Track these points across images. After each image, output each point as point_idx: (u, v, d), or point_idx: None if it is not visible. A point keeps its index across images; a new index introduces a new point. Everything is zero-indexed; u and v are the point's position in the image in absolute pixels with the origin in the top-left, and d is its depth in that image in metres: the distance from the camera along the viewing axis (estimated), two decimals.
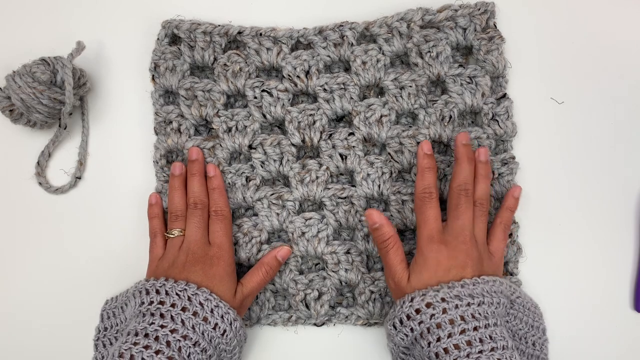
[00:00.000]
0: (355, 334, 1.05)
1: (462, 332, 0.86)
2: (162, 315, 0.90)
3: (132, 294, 0.95)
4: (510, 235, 1.03)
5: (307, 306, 1.03)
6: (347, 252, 1.03)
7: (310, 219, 1.04)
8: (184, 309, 0.90)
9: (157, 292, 0.92)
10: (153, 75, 1.07)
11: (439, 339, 0.86)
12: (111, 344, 1.00)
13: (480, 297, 0.89)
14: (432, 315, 0.87)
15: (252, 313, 1.04)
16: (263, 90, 1.05)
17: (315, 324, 1.05)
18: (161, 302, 0.91)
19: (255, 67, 1.05)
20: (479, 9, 1.04)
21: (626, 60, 1.07)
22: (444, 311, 0.87)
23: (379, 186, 1.03)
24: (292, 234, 1.04)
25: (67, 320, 1.07)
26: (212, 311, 0.91)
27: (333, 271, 1.03)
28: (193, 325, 0.90)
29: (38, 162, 1.07)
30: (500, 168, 1.03)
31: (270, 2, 1.10)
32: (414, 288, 0.92)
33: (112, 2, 1.11)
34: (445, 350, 0.86)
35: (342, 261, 1.03)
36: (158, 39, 1.07)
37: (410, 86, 1.03)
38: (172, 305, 0.91)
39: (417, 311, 0.89)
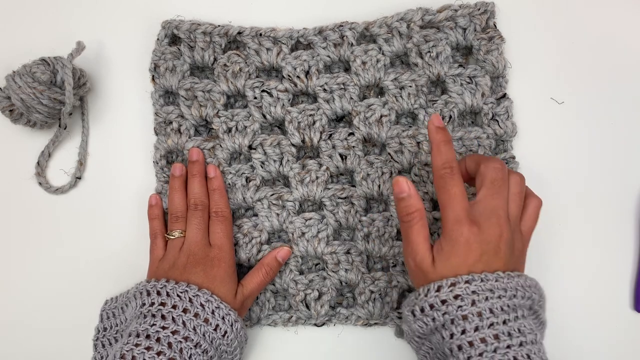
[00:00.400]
0: (356, 334, 1.05)
1: (491, 325, 0.79)
2: (163, 317, 0.90)
3: (133, 295, 0.95)
4: None
5: (307, 306, 1.03)
6: (347, 252, 1.03)
7: (310, 219, 1.04)
8: (185, 311, 0.90)
9: (158, 293, 0.92)
10: (153, 76, 1.07)
11: (464, 332, 0.79)
12: (110, 344, 1.00)
13: (513, 291, 0.82)
14: (460, 306, 0.80)
15: (253, 313, 1.04)
16: (263, 91, 1.05)
17: (315, 324, 1.04)
18: (162, 304, 0.91)
19: (255, 67, 1.05)
20: (479, 9, 1.04)
21: (626, 60, 1.07)
22: (473, 303, 0.80)
23: (379, 186, 1.03)
24: (292, 235, 1.04)
25: (67, 320, 1.07)
26: (213, 312, 0.91)
27: (333, 271, 1.03)
28: (194, 327, 0.90)
29: (38, 162, 1.07)
30: None
31: (270, 3, 1.10)
32: (440, 274, 0.83)
33: (112, 2, 1.11)
34: (470, 343, 0.79)
35: (342, 261, 1.03)
36: (158, 39, 1.07)
37: (410, 86, 1.03)
38: (174, 307, 0.91)
39: (443, 302, 0.81)
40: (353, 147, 1.04)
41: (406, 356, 1.03)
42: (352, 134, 1.04)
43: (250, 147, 1.05)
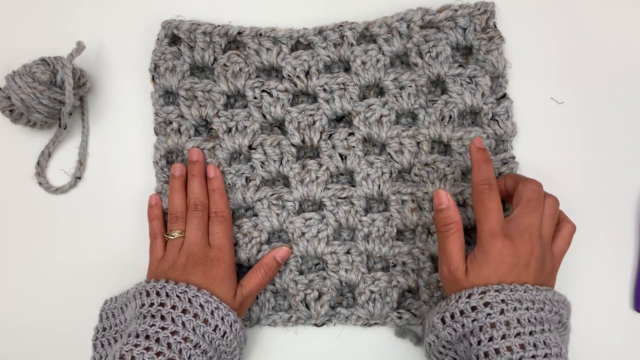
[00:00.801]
0: (356, 334, 1.05)
1: (517, 335, 0.83)
2: (162, 317, 0.90)
3: (133, 296, 0.95)
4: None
5: (307, 306, 1.03)
6: (347, 252, 1.03)
7: (310, 219, 1.04)
8: (184, 311, 0.91)
9: (158, 294, 0.92)
10: (153, 76, 1.07)
11: (491, 339, 0.84)
12: (110, 344, 1.00)
13: (541, 304, 0.86)
14: (489, 314, 0.85)
15: (252, 313, 1.04)
16: (263, 91, 1.05)
17: (315, 324, 1.04)
18: (162, 304, 0.91)
19: (255, 67, 1.05)
20: (479, 9, 1.04)
21: (626, 60, 1.07)
22: (502, 312, 0.84)
23: (379, 186, 1.03)
24: (292, 235, 1.04)
25: (66, 320, 1.07)
26: (212, 313, 0.92)
27: (333, 271, 1.03)
28: (194, 327, 0.90)
29: (38, 162, 1.07)
30: (500, 168, 1.03)
31: (270, 2, 1.10)
32: (472, 283, 0.88)
33: (112, 2, 1.11)
34: (497, 351, 0.83)
35: (342, 261, 1.03)
36: (158, 39, 1.07)
37: (410, 86, 1.03)
38: (173, 307, 0.91)
39: (473, 308, 0.86)
40: (353, 147, 1.04)
41: (406, 356, 1.03)
42: (352, 134, 1.04)
43: (250, 147, 1.05)
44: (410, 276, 1.03)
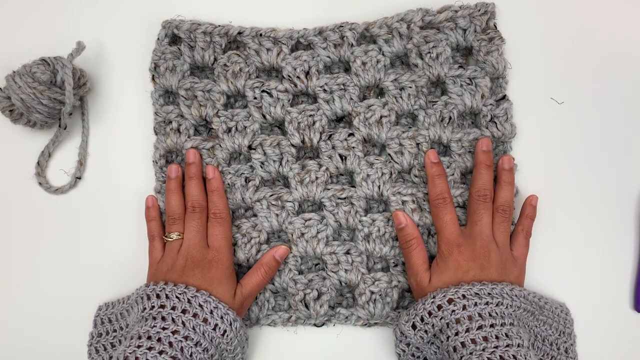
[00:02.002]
0: (355, 335, 1.05)
1: (479, 327, 0.89)
2: (163, 318, 0.91)
3: (135, 301, 0.96)
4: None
5: (306, 306, 1.03)
6: (347, 253, 1.03)
7: (310, 219, 1.04)
8: (184, 311, 0.92)
9: (158, 296, 0.93)
10: (153, 75, 1.07)
11: (457, 333, 0.90)
12: (105, 349, 1.02)
13: (499, 298, 0.92)
14: (453, 311, 0.91)
15: (252, 313, 1.04)
16: (263, 91, 1.05)
17: (315, 324, 1.05)
18: (162, 306, 0.92)
19: (255, 67, 1.05)
20: (479, 10, 1.03)
21: (626, 60, 1.07)
22: (464, 307, 0.91)
23: (379, 187, 1.03)
24: (292, 235, 1.04)
25: (66, 320, 1.07)
26: (211, 312, 0.92)
27: (333, 271, 1.03)
28: (194, 327, 0.91)
29: (38, 162, 1.08)
30: None
31: (270, 3, 1.10)
32: (434, 288, 0.96)
33: (112, 2, 1.11)
34: (463, 344, 0.89)
35: (342, 261, 1.03)
36: (158, 39, 1.07)
37: (410, 87, 1.03)
38: (173, 308, 0.92)
39: (439, 307, 0.92)
40: (353, 147, 1.04)
41: None
42: (352, 134, 1.04)
43: (249, 147, 1.05)
44: None
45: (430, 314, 0.92)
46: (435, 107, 1.03)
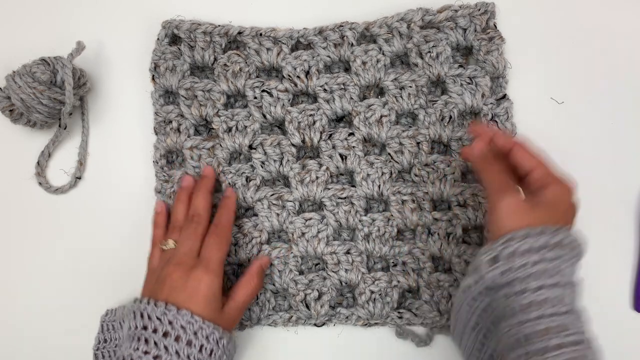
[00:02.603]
0: (356, 334, 1.05)
1: (554, 285, 0.81)
2: (146, 341, 0.88)
3: (126, 315, 0.94)
4: None
5: (307, 306, 1.03)
6: (347, 253, 1.03)
7: (310, 219, 1.04)
8: (165, 334, 0.88)
9: (141, 315, 0.90)
10: (153, 75, 1.06)
11: (524, 291, 0.81)
12: (110, 356, 1.00)
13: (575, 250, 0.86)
14: (524, 265, 0.81)
15: (253, 314, 1.04)
16: (263, 91, 1.05)
17: (315, 325, 1.04)
18: (144, 327, 0.89)
19: (255, 67, 1.05)
20: (479, 10, 1.03)
21: (626, 60, 1.07)
22: (535, 263, 0.81)
23: (379, 186, 1.03)
24: (292, 235, 1.04)
25: (66, 320, 1.07)
26: (195, 334, 0.89)
27: (333, 271, 1.03)
28: (177, 351, 0.88)
29: (38, 162, 1.07)
30: None
31: (270, 3, 1.10)
32: (534, 217, 0.85)
33: (112, 2, 1.11)
34: (539, 303, 0.80)
35: (342, 261, 1.03)
36: (158, 39, 1.07)
37: (410, 86, 1.03)
38: (154, 331, 0.89)
39: (525, 252, 0.81)
40: (353, 147, 1.04)
41: (406, 356, 1.03)
42: (352, 134, 1.04)
43: (250, 147, 1.05)
44: (411, 276, 1.02)
45: (512, 254, 0.81)
46: (436, 107, 1.03)
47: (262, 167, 1.04)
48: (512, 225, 0.84)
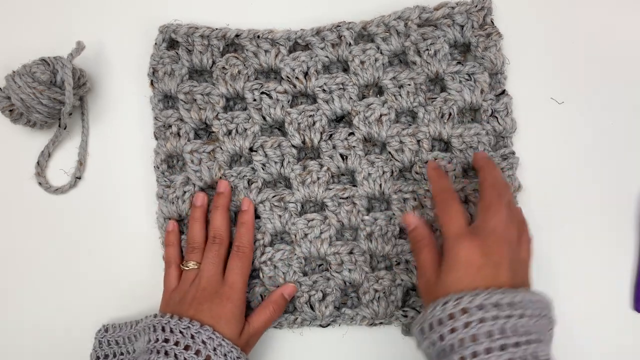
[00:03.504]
0: (361, 334, 1.05)
1: (502, 348, 0.77)
2: (166, 353, 0.90)
3: (143, 329, 0.95)
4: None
5: (311, 307, 1.02)
6: (350, 252, 1.03)
7: (313, 220, 1.03)
8: (186, 348, 0.90)
9: (163, 329, 0.92)
10: (152, 80, 1.06)
11: (474, 355, 0.77)
12: None
13: (521, 309, 0.80)
14: (467, 323, 0.79)
15: None
16: (262, 93, 1.05)
17: (320, 325, 1.04)
18: (166, 340, 0.91)
19: (253, 69, 1.06)
20: (476, 6, 1.05)
21: (626, 59, 1.08)
22: (481, 321, 0.79)
23: (381, 185, 1.03)
24: (295, 236, 1.03)
25: (65, 320, 1.06)
26: (215, 350, 0.90)
27: (337, 272, 1.02)
28: None
29: (38, 162, 1.07)
30: (501, 163, 1.04)
31: (267, 4, 1.11)
32: (443, 289, 0.84)
33: (113, 3, 1.11)
34: None
35: (346, 261, 1.02)
36: (156, 43, 1.07)
37: (409, 84, 1.04)
38: (176, 344, 0.90)
39: (451, 316, 0.80)
40: (353, 147, 1.04)
41: (412, 355, 1.02)
42: (352, 133, 1.04)
43: (250, 149, 1.04)
44: (414, 274, 1.02)
45: (440, 321, 0.81)
46: (435, 104, 1.04)
47: (263, 169, 1.04)
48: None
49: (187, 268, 1.00)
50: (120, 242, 1.07)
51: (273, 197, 1.04)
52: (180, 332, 0.91)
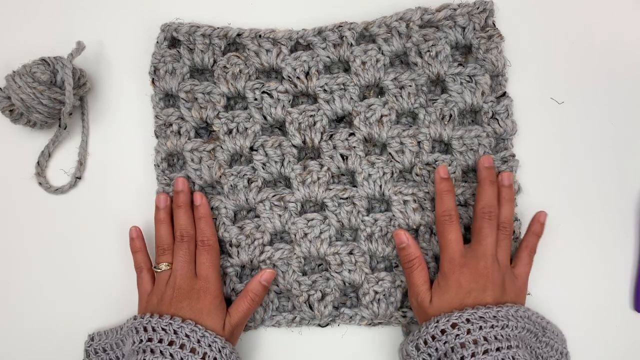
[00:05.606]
0: (359, 335, 1.05)
1: (485, 352, 0.88)
2: (152, 351, 0.91)
3: (127, 333, 0.96)
4: (513, 232, 1.02)
5: (310, 307, 1.03)
6: (350, 253, 1.03)
7: (313, 220, 1.04)
8: (171, 343, 0.92)
9: (145, 329, 0.93)
10: (153, 79, 1.06)
11: (462, 358, 0.88)
12: None
13: (505, 321, 0.91)
14: (457, 335, 0.90)
15: (257, 315, 1.04)
16: (263, 92, 1.05)
17: (319, 325, 1.04)
18: (150, 339, 0.92)
19: (255, 68, 1.05)
20: (478, 8, 1.04)
21: (626, 60, 1.08)
22: (468, 332, 0.90)
23: (381, 186, 1.03)
24: (295, 236, 1.03)
25: (65, 321, 1.07)
26: (198, 341, 0.92)
27: (336, 272, 1.03)
28: (181, 358, 0.91)
29: (38, 162, 1.07)
30: (501, 166, 1.04)
31: (269, 4, 1.10)
32: (436, 309, 0.95)
33: (113, 3, 1.11)
34: None
35: (345, 262, 1.03)
36: (157, 42, 1.07)
37: (410, 85, 1.04)
38: (160, 341, 0.92)
39: (443, 332, 0.91)
40: (354, 147, 1.04)
41: None
42: (352, 134, 1.04)
43: (251, 149, 1.04)
44: None
45: (433, 337, 0.91)
46: (436, 105, 1.04)
47: (263, 168, 1.04)
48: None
49: (159, 270, 1.01)
50: (120, 242, 1.07)
51: (273, 196, 1.04)
52: (163, 329, 0.92)
